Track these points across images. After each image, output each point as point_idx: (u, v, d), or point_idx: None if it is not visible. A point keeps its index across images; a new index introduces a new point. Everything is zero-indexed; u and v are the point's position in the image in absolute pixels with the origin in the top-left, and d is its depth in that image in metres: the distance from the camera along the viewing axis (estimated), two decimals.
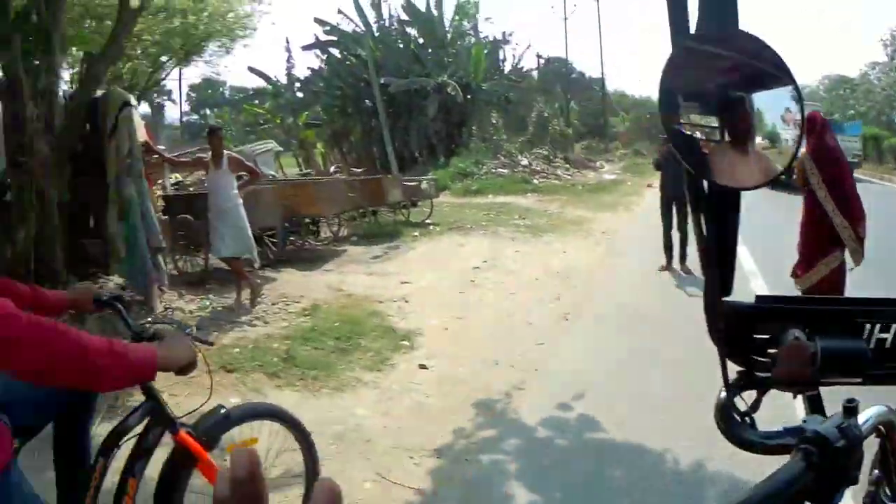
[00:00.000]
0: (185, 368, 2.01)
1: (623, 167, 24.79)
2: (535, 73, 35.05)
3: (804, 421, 0.78)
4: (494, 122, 25.34)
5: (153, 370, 1.89)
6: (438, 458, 3.97)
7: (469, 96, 27.78)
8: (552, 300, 7.41)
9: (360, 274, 9.34)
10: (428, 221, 13.93)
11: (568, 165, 23.58)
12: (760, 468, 0.73)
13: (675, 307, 7.08)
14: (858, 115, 40.49)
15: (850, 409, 0.75)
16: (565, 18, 34.49)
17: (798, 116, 0.85)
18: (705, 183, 0.84)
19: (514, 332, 6.37)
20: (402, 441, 4.21)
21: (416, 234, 12.61)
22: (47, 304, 2.33)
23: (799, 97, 0.84)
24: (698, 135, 0.84)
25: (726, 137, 0.83)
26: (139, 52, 15.10)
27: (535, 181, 20.32)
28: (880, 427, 0.85)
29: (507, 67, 32.04)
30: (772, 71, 0.82)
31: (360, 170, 21.65)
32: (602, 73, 49.69)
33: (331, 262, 10.40)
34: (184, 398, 4.19)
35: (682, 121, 0.84)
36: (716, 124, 0.83)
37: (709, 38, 0.83)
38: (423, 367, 5.57)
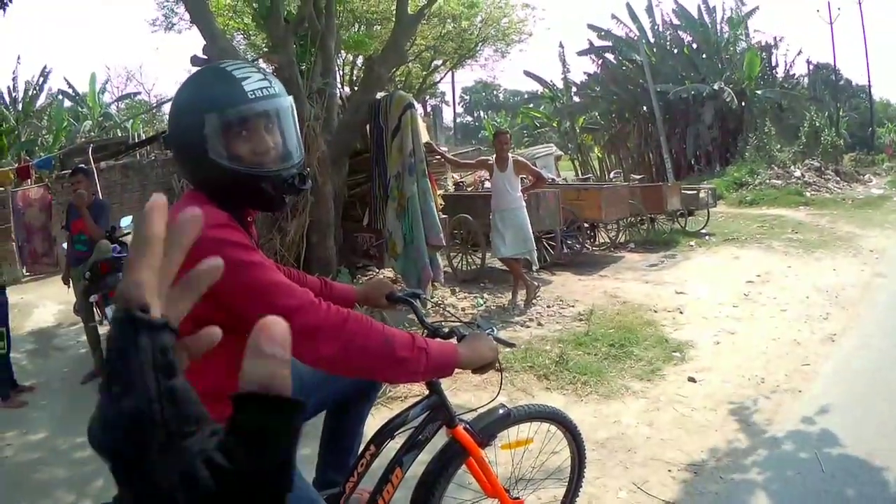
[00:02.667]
0: (483, 367, 1.98)
1: (889, 181, 22.57)
2: (805, 80, 32.73)
3: None
4: (767, 130, 24.19)
5: (453, 367, 1.85)
6: (694, 474, 3.89)
7: (744, 103, 26.98)
8: (820, 319, 7.11)
9: (637, 281, 9.33)
10: (704, 231, 13.78)
11: (838, 178, 22.16)
12: None
13: None
14: None
15: None
16: (831, 23, 31.52)
17: None
18: None
19: (782, 351, 6.14)
20: (662, 453, 4.16)
21: (692, 243, 12.47)
22: (335, 295, 2.34)
23: None
24: None
25: None
26: (412, 56, 15.90)
27: (808, 194, 19.60)
28: None
29: (780, 74, 30.68)
30: None
31: (639, 176, 21.52)
32: (868, 80, 45.13)
33: (608, 268, 10.45)
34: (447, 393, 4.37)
35: None
36: None
37: None
38: (691, 380, 5.46)
